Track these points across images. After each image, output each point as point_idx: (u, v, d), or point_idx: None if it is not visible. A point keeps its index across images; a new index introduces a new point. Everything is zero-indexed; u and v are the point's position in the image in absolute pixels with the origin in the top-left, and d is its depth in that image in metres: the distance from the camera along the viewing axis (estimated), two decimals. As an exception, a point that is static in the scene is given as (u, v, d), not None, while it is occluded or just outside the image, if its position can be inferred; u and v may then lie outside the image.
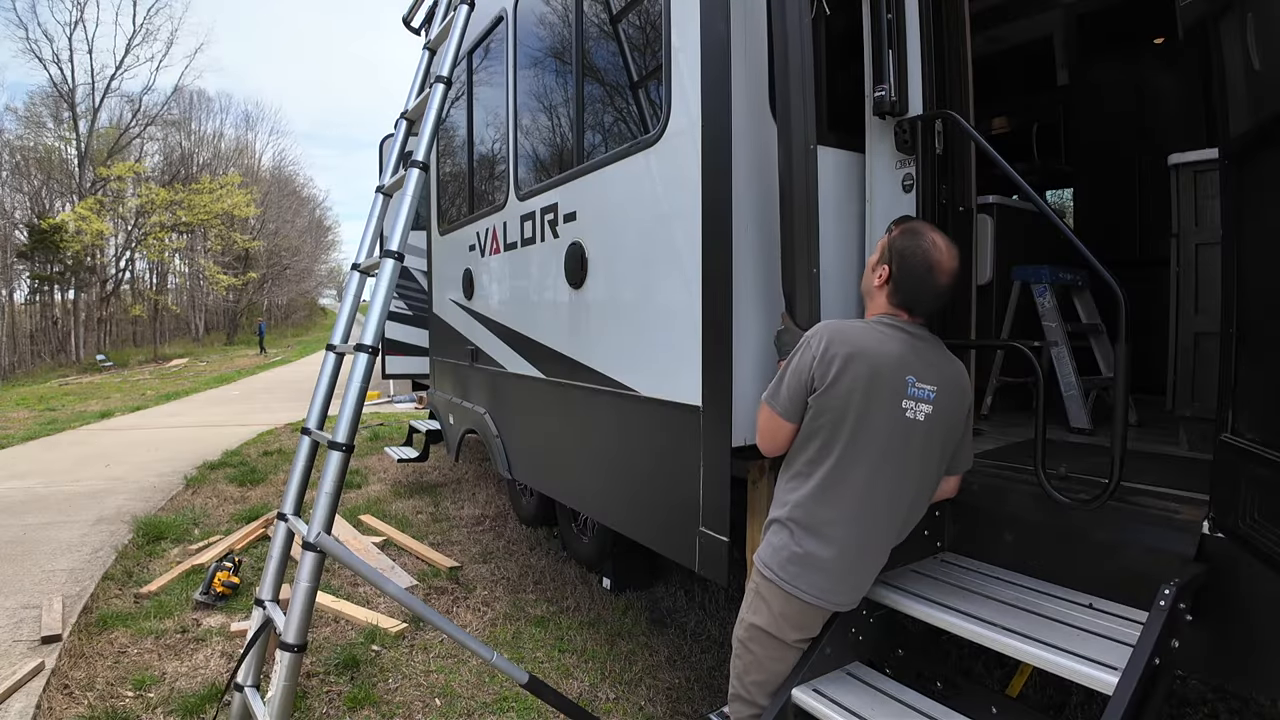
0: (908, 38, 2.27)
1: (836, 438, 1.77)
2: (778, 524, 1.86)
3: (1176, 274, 2.48)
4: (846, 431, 1.76)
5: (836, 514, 1.78)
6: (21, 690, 2.89)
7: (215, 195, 32.49)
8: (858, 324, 1.87)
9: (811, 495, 1.79)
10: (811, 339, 1.82)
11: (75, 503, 5.96)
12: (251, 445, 8.69)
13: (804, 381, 1.79)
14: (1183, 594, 1.55)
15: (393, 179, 3.04)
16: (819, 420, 1.78)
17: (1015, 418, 3.19)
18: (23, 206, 31.15)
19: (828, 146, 2.47)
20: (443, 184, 5.18)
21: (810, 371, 1.78)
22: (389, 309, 2.67)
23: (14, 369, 27.09)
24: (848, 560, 1.80)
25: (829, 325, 1.84)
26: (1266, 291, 1.45)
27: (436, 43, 3.27)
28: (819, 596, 1.80)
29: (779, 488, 1.91)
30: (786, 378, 1.83)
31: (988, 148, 2.08)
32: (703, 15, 2.19)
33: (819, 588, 1.79)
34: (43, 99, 32.26)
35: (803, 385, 1.80)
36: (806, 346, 1.81)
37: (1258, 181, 1.47)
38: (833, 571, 1.79)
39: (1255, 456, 1.44)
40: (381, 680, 3.02)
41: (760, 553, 1.88)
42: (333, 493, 2.37)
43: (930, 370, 1.81)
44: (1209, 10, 1.59)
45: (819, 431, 1.79)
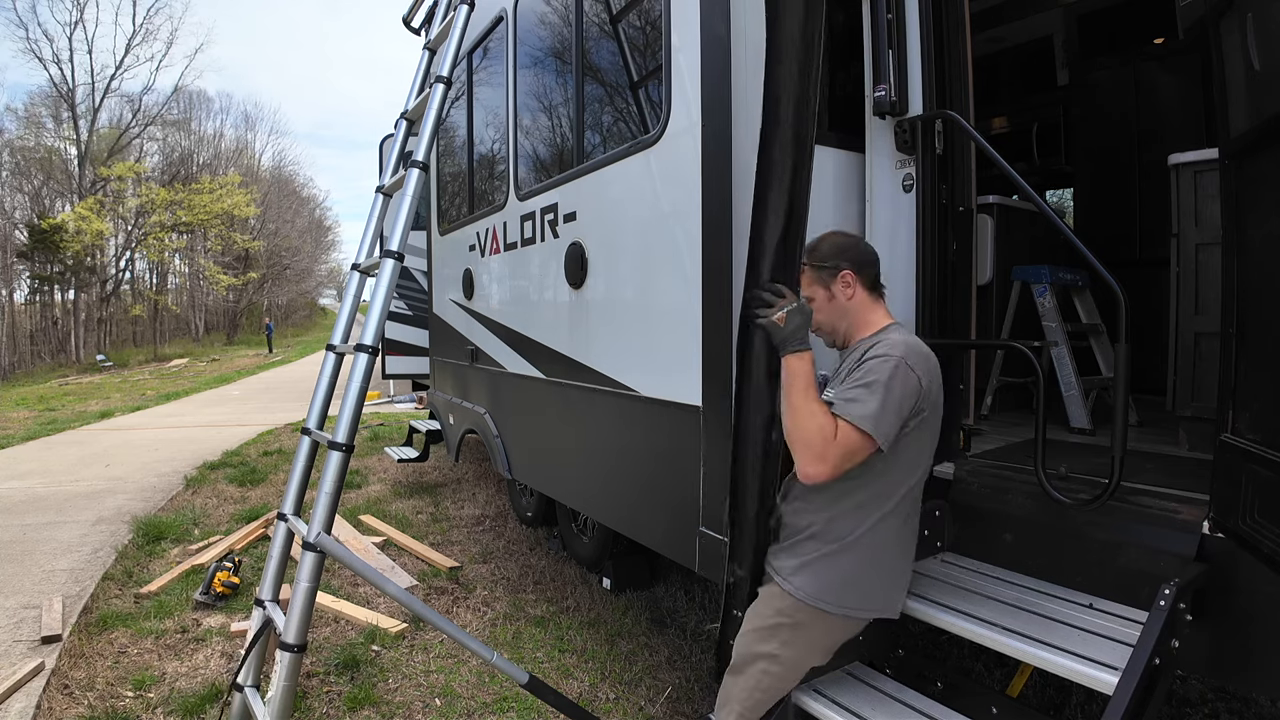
0: (908, 38, 2.27)
1: (904, 453, 1.68)
2: (821, 548, 1.71)
3: (1176, 274, 2.48)
4: (915, 446, 1.70)
5: (897, 522, 1.73)
6: (21, 690, 2.89)
7: (215, 195, 32.48)
8: (909, 336, 1.76)
9: (868, 511, 1.69)
10: (905, 361, 1.62)
11: (75, 503, 5.96)
12: (251, 445, 8.69)
13: (911, 408, 1.63)
14: (1183, 594, 1.55)
15: (393, 179, 3.04)
16: (900, 442, 1.65)
17: (1015, 418, 3.19)
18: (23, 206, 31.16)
19: (828, 146, 2.48)
20: (443, 184, 5.18)
21: (918, 400, 1.63)
22: (389, 309, 2.67)
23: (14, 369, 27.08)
24: (907, 562, 1.81)
25: (909, 343, 1.69)
26: (1266, 291, 1.45)
27: (436, 43, 3.27)
28: (881, 608, 1.77)
29: (810, 507, 1.74)
30: (890, 404, 1.58)
31: (988, 148, 2.08)
32: (703, 15, 2.19)
33: (881, 600, 1.76)
34: (43, 99, 32.30)
35: (908, 411, 1.62)
36: (906, 371, 1.62)
37: (1258, 181, 1.47)
38: (894, 579, 1.78)
39: (1256, 456, 1.44)
40: (381, 680, 3.02)
41: (797, 584, 1.71)
42: (333, 493, 2.37)
43: None
44: (1209, 10, 1.59)
45: (893, 452, 1.65)
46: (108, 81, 32.49)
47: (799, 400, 1.61)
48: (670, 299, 2.44)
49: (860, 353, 1.71)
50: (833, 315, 1.80)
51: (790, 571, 1.74)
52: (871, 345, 1.70)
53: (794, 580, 1.73)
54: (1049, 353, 2.94)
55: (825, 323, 1.81)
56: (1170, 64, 3.88)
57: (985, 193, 2.89)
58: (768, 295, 1.63)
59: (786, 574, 1.74)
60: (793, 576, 1.73)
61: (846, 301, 1.78)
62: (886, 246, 2.40)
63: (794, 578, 1.73)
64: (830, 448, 1.57)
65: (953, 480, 2.24)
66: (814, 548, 1.72)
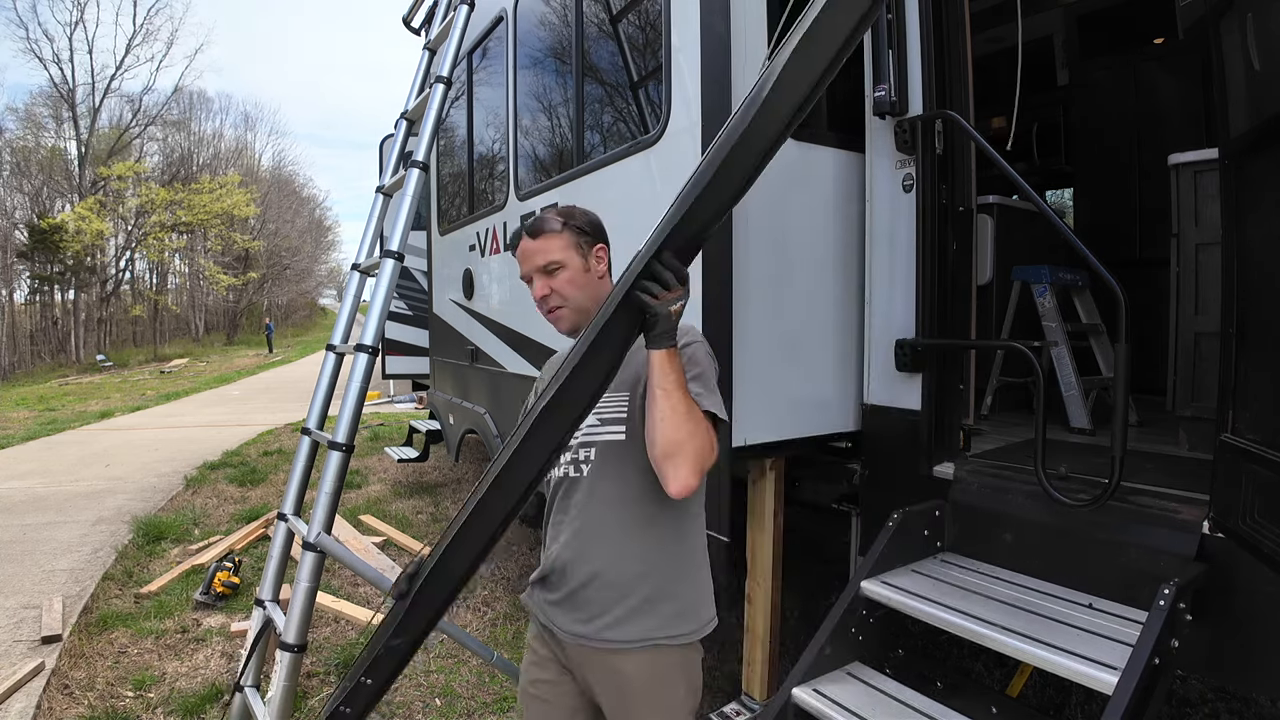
0: (908, 38, 2.27)
1: None
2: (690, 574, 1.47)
3: (1176, 274, 2.48)
4: None
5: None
6: (22, 690, 2.89)
7: (215, 195, 32.48)
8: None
9: (700, 518, 1.54)
10: (708, 345, 1.48)
11: (75, 503, 5.96)
12: (251, 445, 8.69)
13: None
14: (1183, 594, 1.55)
15: (393, 179, 3.04)
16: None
17: (1015, 418, 3.19)
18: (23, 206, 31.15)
19: (828, 146, 2.48)
20: (443, 184, 5.17)
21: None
22: (389, 309, 2.67)
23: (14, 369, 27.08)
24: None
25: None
26: (1266, 291, 1.45)
27: (436, 43, 3.27)
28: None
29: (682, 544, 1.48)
30: (716, 387, 1.41)
31: (987, 148, 2.08)
32: (703, 15, 2.19)
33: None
34: (43, 99, 32.28)
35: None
36: (710, 353, 1.47)
37: (1258, 181, 1.47)
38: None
39: (1256, 456, 1.44)
40: (381, 680, 3.02)
41: (675, 628, 1.42)
42: (333, 493, 2.37)
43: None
44: (1209, 10, 1.59)
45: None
46: (108, 81, 32.51)
47: (686, 402, 1.26)
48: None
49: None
50: (586, 292, 1.48)
51: (670, 622, 1.42)
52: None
53: (674, 625, 1.43)
54: (1049, 353, 2.94)
55: (577, 300, 1.47)
56: (1170, 64, 3.88)
57: (985, 193, 2.89)
58: (670, 276, 1.17)
59: (683, 624, 1.44)
60: (677, 625, 1.43)
61: (598, 280, 1.51)
62: (886, 246, 2.40)
63: (676, 620, 1.43)
64: (713, 450, 1.29)
65: (953, 480, 2.24)
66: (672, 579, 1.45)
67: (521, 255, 1.50)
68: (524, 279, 1.52)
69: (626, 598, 1.40)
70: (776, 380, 2.36)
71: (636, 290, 1.18)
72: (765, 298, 2.30)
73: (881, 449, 2.46)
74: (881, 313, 2.44)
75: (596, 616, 1.41)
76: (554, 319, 1.50)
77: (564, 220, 1.50)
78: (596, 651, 1.42)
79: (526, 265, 1.49)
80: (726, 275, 2.16)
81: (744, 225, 2.22)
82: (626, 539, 1.42)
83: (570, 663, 1.48)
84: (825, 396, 2.50)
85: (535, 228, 1.49)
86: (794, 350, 2.41)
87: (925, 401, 2.30)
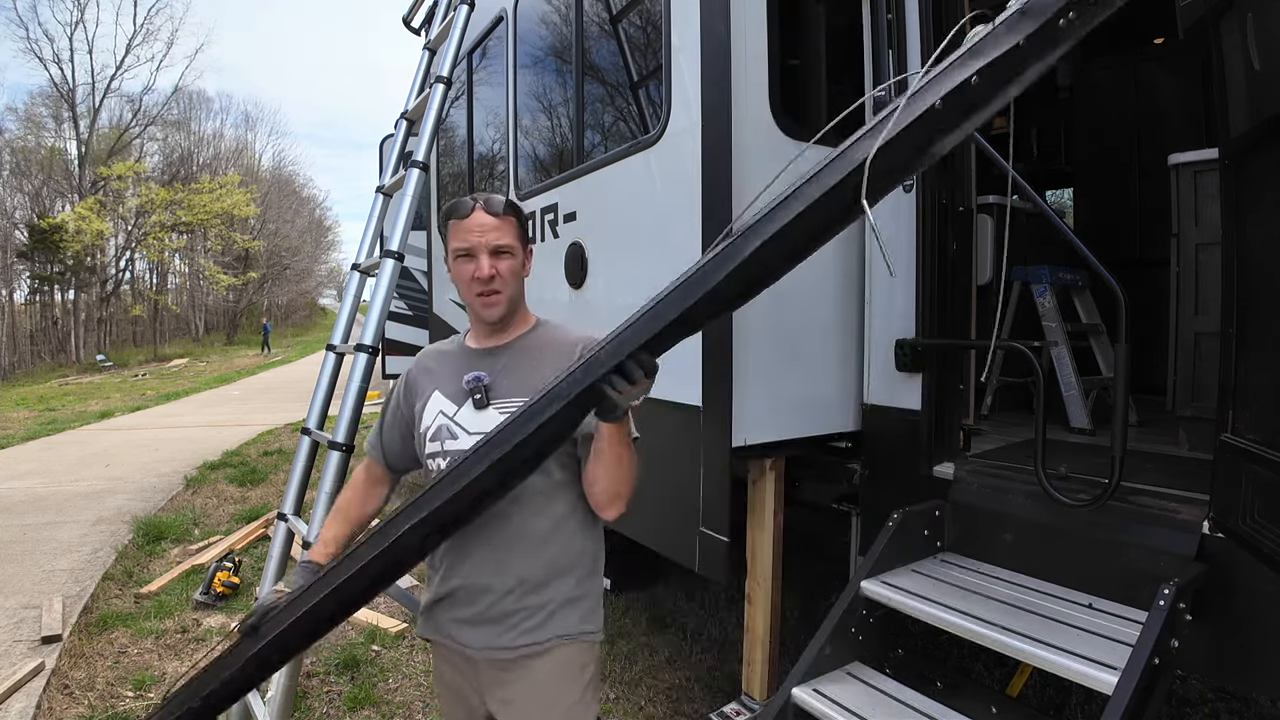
0: (907, 38, 2.27)
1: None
2: (592, 574, 1.51)
3: (1176, 274, 2.48)
4: None
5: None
6: (22, 690, 2.89)
7: (215, 195, 32.48)
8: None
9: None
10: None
11: (75, 503, 5.95)
12: (251, 445, 8.69)
13: None
14: (1183, 594, 1.55)
15: (393, 179, 3.04)
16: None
17: (1015, 418, 3.19)
18: (23, 206, 31.15)
19: (827, 146, 2.48)
20: (443, 184, 5.18)
21: None
22: (389, 309, 2.67)
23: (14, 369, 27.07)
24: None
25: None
26: (1266, 291, 1.45)
27: (436, 43, 3.27)
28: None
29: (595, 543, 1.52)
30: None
31: (987, 148, 2.08)
32: (703, 15, 2.19)
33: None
34: (43, 99, 32.28)
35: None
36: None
37: (1258, 181, 1.47)
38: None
39: (1256, 456, 1.44)
40: (381, 680, 3.02)
41: (590, 623, 1.47)
42: (333, 493, 2.37)
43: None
44: (1209, 10, 1.59)
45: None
46: (108, 81, 32.50)
47: (632, 453, 1.35)
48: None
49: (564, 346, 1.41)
50: (518, 287, 1.44)
51: (586, 618, 1.46)
52: (574, 341, 1.42)
53: (582, 622, 1.45)
54: (1049, 353, 2.94)
55: (512, 291, 1.42)
56: (1170, 64, 3.88)
57: (985, 193, 2.89)
58: (640, 373, 1.12)
59: (594, 620, 1.49)
60: (590, 621, 1.47)
61: (523, 281, 1.47)
62: (887, 246, 2.40)
63: (592, 620, 1.48)
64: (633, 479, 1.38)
65: (953, 480, 2.24)
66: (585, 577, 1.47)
67: (472, 227, 1.37)
68: (462, 252, 1.38)
69: (549, 601, 1.39)
70: (776, 380, 2.36)
71: (604, 384, 1.10)
72: (765, 297, 2.30)
73: (881, 449, 2.46)
74: (881, 313, 2.44)
75: (519, 624, 1.37)
76: (490, 303, 1.40)
77: (515, 211, 1.43)
78: (514, 662, 1.38)
79: (476, 239, 1.37)
80: (726, 275, 2.16)
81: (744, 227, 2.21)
82: (547, 543, 1.39)
83: (480, 684, 1.42)
84: (825, 396, 2.50)
85: (493, 205, 1.40)
86: (794, 350, 2.41)
87: (925, 401, 2.31)
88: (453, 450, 1.39)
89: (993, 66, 0.91)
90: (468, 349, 1.48)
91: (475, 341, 1.49)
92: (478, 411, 1.39)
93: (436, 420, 1.43)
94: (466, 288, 1.41)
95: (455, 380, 1.42)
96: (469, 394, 1.40)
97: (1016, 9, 0.91)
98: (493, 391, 1.39)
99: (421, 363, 1.54)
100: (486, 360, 1.44)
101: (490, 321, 1.43)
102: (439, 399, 1.44)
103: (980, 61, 0.91)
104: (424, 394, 1.47)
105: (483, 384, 1.39)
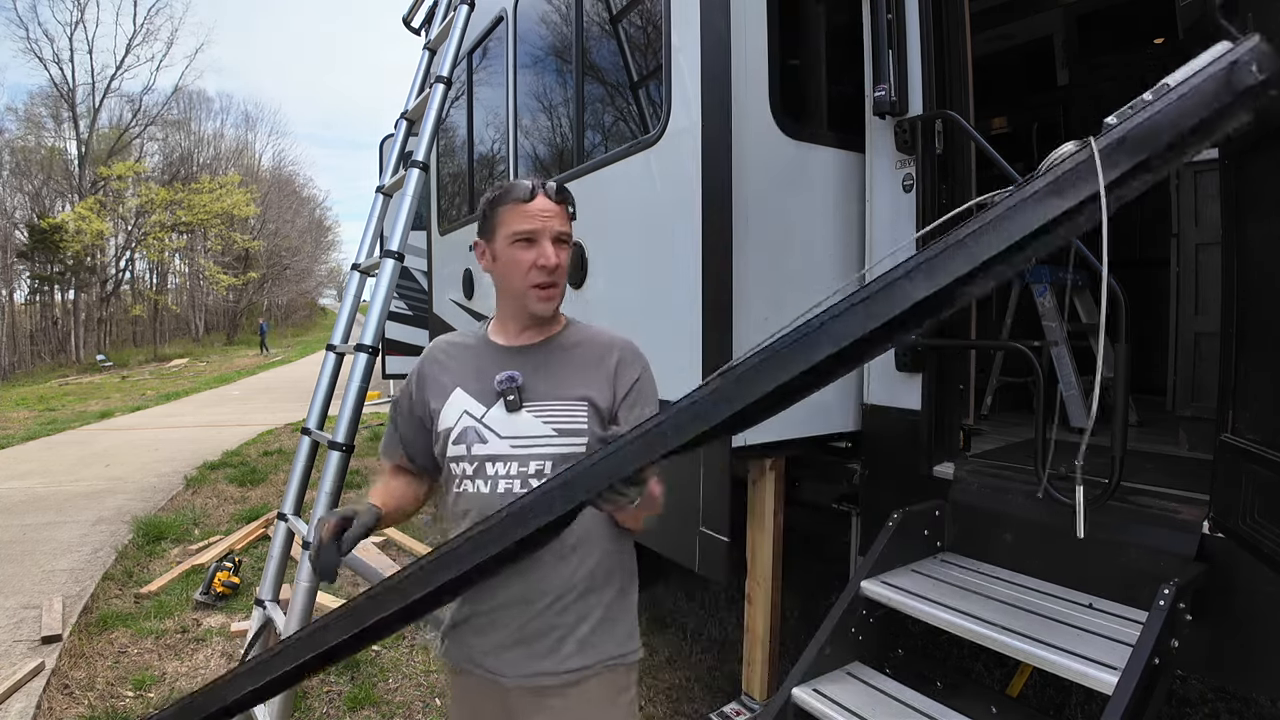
0: (908, 38, 2.27)
1: None
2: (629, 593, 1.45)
3: (1176, 274, 2.48)
4: None
5: None
6: (21, 690, 2.89)
7: (215, 195, 32.49)
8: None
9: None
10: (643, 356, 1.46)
11: (75, 503, 5.95)
12: (251, 445, 8.69)
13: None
14: (1183, 594, 1.55)
15: (393, 179, 3.04)
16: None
17: (1015, 418, 3.19)
18: (23, 206, 31.15)
19: (827, 146, 2.48)
20: (443, 184, 5.18)
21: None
22: (389, 309, 2.67)
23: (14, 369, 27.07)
24: None
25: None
26: (1266, 291, 1.45)
27: (436, 43, 3.27)
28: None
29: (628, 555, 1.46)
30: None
31: (988, 148, 2.08)
32: (703, 15, 2.19)
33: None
34: (43, 99, 32.28)
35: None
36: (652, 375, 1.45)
37: (1258, 181, 1.47)
38: None
39: (1256, 456, 1.44)
40: (381, 680, 3.01)
41: (628, 645, 1.40)
42: (333, 493, 2.37)
43: None
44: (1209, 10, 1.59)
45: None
46: (108, 81, 32.50)
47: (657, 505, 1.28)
48: (671, 298, 2.44)
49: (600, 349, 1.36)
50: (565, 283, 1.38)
51: (627, 638, 1.40)
52: (608, 344, 1.37)
53: (635, 639, 1.43)
54: (1049, 352, 2.94)
55: (563, 286, 1.35)
56: (1171, 64, 3.87)
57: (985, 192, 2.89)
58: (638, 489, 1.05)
59: (633, 641, 1.42)
60: (632, 639, 1.42)
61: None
62: (887, 246, 2.40)
63: (633, 638, 1.42)
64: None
65: (953, 480, 2.24)
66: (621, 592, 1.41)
67: (536, 211, 1.27)
68: (524, 236, 1.27)
69: (587, 616, 1.30)
70: (776, 380, 2.36)
71: (602, 500, 1.00)
72: (765, 298, 2.30)
73: (881, 449, 2.46)
74: (881, 313, 2.43)
75: (558, 646, 1.28)
76: (549, 296, 1.30)
77: (556, 195, 1.32)
78: (553, 689, 1.28)
79: (542, 224, 1.27)
80: (726, 275, 2.16)
81: (744, 225, 2.22)
82: (585, 554, 1.30)
83: (510, 711, 1.31)
84: (825, 396, 2.48)
85: (563, 194, 1.32)
86: (794, 350, 2.41)
87: (925, 401, 2.31)
88: (481, 455, 1.28)
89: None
90: (494, 345, 1.37)
91: (504, 338, 1.37)
92: (509, 414, 1.28)
93: (461, 421, 1.30)
94: (522, 276, 1.28)
95: (480, 378, 1.32)
96: (499, 395, 1.29)
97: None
98: (526, 393, 1.29)
99: (434, 355, 1.41)
100: (517, 359, 1.33)
101: (543, 316, 1.33)
102: (462, 398, 1.32)
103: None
104: (442, 391, 1.34)
105: (516, 384, 1.28)
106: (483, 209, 1.34)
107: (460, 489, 1.31)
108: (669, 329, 2.44)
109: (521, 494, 1.17)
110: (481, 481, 1.29)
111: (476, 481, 1.29)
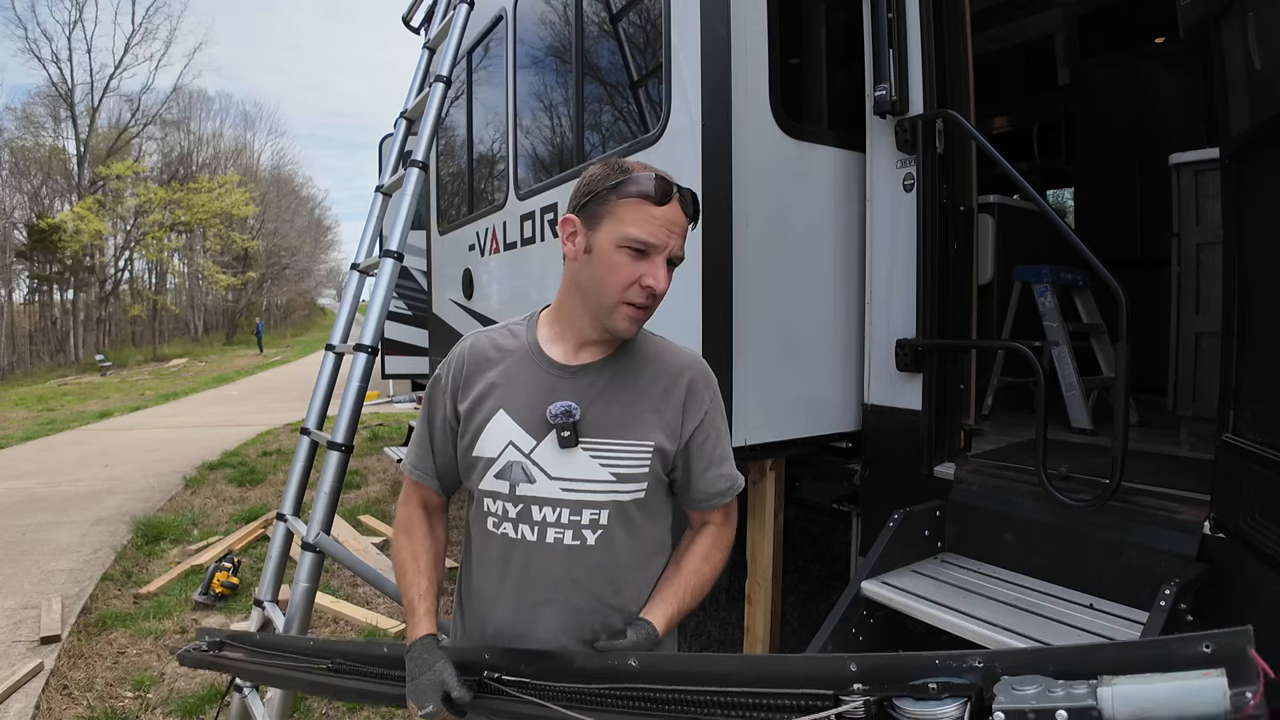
0: (908, 37, 2.27)
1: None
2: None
3: (1177, 274, 2.47)
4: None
5: None
6: (21, 690, 2.89)
7: (214, 194, 32.48)
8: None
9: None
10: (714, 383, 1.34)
11: (74, 503, 5.95)
12: (251, 445, 8.69)
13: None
14: (1183, 594, 1.55)
15: (392, 178, 3.03)
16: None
17: (1015, 418, 3.19)
18: (22, 206, 31.12)
19: (828, 146, 2.48)
20: (442, 184, 5.17)
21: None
22: (388, 309, 2.66)
23: (13, 369, 27.04)
24: None
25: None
26: (1266, 291, 1.45)
27: (436, 42, 3.27)
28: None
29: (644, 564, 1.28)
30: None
31: (988, 147, 2.08)
32: (703, 15, 2.19)
33: None
34: (42, 99, 32.24)
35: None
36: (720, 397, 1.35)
37: (1258, 181, 1.47)
38: None
39: (1257, 456, 1.43)
40: (381, 680, 3.01)
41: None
42: (332, 493, 2.37)
43: None
44: (1209, 10, 1.59)
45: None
46: (107, 81, 32.47)
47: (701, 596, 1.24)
48: (670, 298, 2.42)
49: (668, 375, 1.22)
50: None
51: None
52: (677, 370, 1.23)
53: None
54: (1049, 353, 2.94)
55: (650, 316, 1.19)
56: (1171, 63, 3.88)
57: (986, 192, 2.89)
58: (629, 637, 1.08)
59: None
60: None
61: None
62: (887, 246, 2.40)
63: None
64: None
65: (953, 480, 2.24)
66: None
67: (664, 220, 1.08)
68: (639, 244, 1.08)
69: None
70: (777, 380, 2.36)
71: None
72: (765, 298, 2.30)
73: (882, 449, 2.46)
74: (882, 312, 2.43)
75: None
76: (639, 318, 1.14)
77: (688, 205, 1.14)
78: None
79: (666, 238, 1.09)
80: (726, 275, 2.16)
81: (744, 225, 2.21)
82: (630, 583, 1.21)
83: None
84: (826, 396, 2.50)
85: (697, 208, 1.15)
86: (794, 350, 2.41)
87: (926, 401, 2.30)
88: (527, 496, 1.14)
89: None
90: (548, 360, 1.18)
91: (560, 351, 1.19)
92: (562, 450, 1.12)
93: (506, 453, 1.15)
94: (619, 288, 1.10)
95: (531, 400, 1.15)
96: (552, 428, 1.12)
97: None
98: (583, 427, 1.12)
99: (480, 355, 1.21)
100: (574, 380, 1.16)
101: (624, 337, 1.17)
102: (507, 424, 1.15)
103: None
104: (484, 405, 1.17)
105: (573, 420, 1.11)
106: (594, 186, 1.11)
107: (498, 530, 1.17)
108: (669, 329, 2.44)
109: (573, 546, 1.12)
110: (527, 527, 1.15)
111: (521, 526, 1.15)
